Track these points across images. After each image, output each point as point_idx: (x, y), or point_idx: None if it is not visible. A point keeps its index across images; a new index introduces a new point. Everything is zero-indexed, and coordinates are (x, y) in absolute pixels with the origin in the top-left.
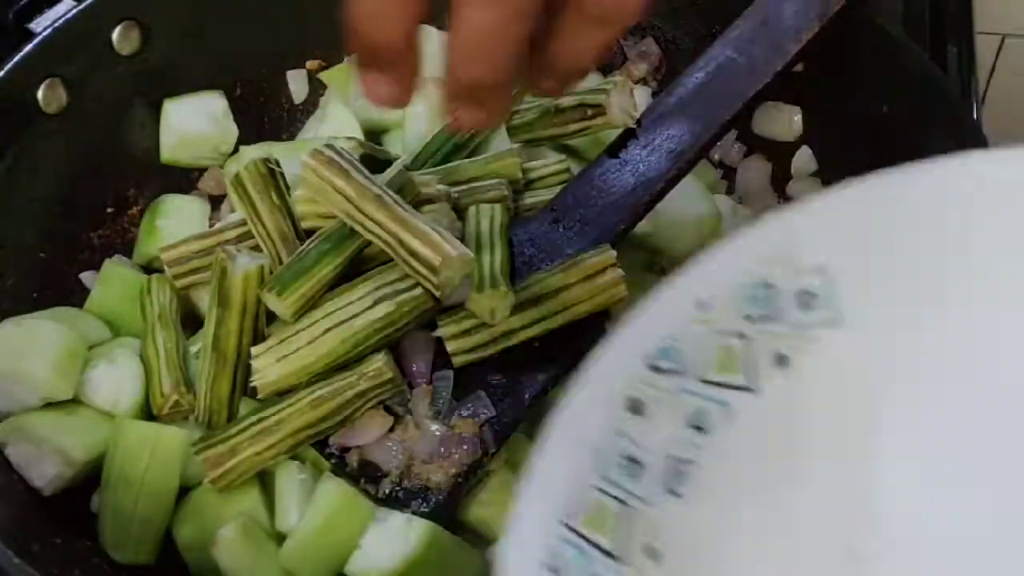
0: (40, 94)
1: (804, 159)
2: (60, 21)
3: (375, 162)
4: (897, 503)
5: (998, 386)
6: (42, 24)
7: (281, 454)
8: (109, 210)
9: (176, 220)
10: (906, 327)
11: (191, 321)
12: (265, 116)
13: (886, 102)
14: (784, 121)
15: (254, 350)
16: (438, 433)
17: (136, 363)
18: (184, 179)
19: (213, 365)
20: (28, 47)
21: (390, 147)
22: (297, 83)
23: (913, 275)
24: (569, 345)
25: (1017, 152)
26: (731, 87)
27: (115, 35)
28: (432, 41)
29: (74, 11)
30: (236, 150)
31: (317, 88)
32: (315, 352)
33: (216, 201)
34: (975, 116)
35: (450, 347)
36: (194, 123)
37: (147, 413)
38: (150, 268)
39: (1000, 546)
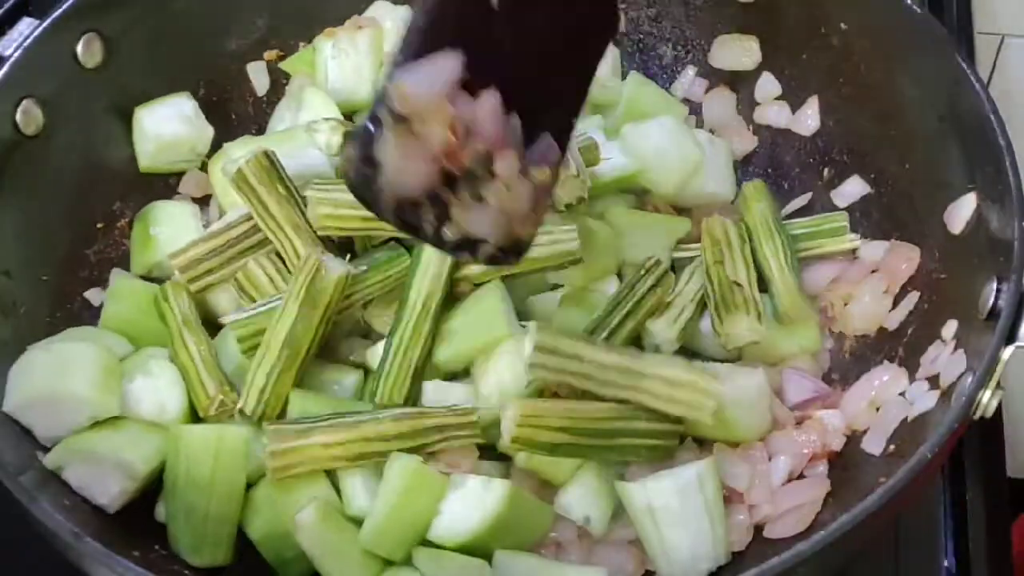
0: (19, 117)
1: (767, 85)
2: (26, 41)
3: None
4: None
5: None
6: (8, 47)
7: (346, 458)
8: (99, 225)
9: (170, 226)
10: None
11: None
12: (232, 112)
13: (843, 19)
14: (741, 51)
15: None
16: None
17: (172, 371)
18: (164, 186)
19: (282, 361)
20: (1, 71)
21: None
22: (258, 76)
23: None
24: None
25: None
26: None
27: (79, 49)
28: (394, 17)
29: (38, 29)
30: (213, 149)
31: (279, 78)
32: None
33: (201, 203)
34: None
35: None
36: (169, 127)
37: (192, 416)
38: (149, 277)
39: None
